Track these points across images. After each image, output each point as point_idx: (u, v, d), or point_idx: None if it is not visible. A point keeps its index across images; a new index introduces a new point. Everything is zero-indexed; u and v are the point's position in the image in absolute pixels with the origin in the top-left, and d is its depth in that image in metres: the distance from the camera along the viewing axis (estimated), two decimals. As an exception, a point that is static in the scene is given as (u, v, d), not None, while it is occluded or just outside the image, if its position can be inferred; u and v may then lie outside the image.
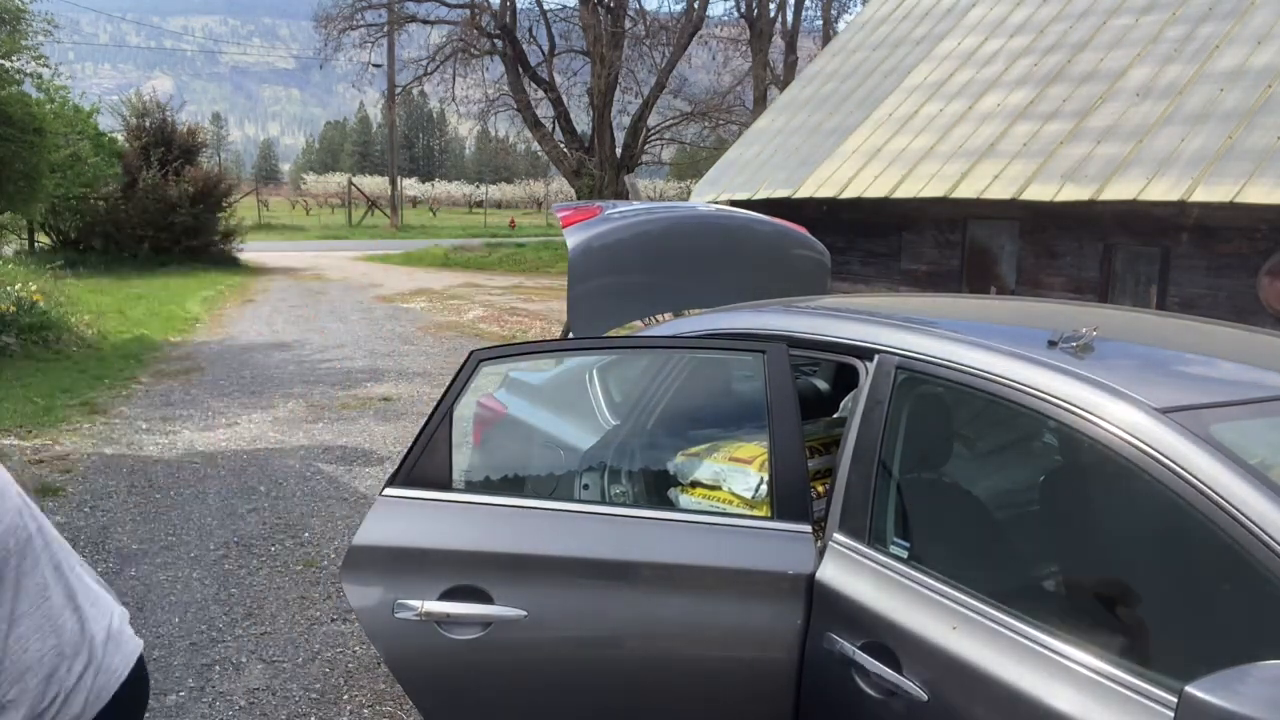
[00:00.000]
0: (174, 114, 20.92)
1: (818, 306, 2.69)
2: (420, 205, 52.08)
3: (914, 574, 1.90)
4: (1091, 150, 8.43)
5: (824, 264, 4.10)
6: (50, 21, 10.90)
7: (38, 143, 10.55)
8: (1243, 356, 2.32)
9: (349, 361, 10.02)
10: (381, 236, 32.63)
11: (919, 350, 2.09)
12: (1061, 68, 9.77)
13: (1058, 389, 1.81)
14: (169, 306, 13.73)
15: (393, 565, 2.20)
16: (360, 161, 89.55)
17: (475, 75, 24.47)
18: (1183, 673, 1.43)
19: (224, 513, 5.28)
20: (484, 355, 2.31)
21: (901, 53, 12.01)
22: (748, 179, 11.65)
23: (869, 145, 10.57)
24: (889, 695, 1.81)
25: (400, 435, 6.96)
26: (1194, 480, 1.58)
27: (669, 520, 2.24)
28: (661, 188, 45.43)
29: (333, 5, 23.66)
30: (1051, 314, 2.69)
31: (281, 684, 3.51)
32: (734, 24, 26.80)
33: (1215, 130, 7.81)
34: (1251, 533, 1.49)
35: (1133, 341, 2.35)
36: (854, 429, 2.13)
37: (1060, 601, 1.93)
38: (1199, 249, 7.89)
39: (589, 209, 3.55)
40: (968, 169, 9.17)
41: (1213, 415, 1.73)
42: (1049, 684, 1.61)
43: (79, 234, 19.05)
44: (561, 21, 24.79)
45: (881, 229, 10.53)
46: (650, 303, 3.62)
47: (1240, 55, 8.43)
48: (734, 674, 2.08)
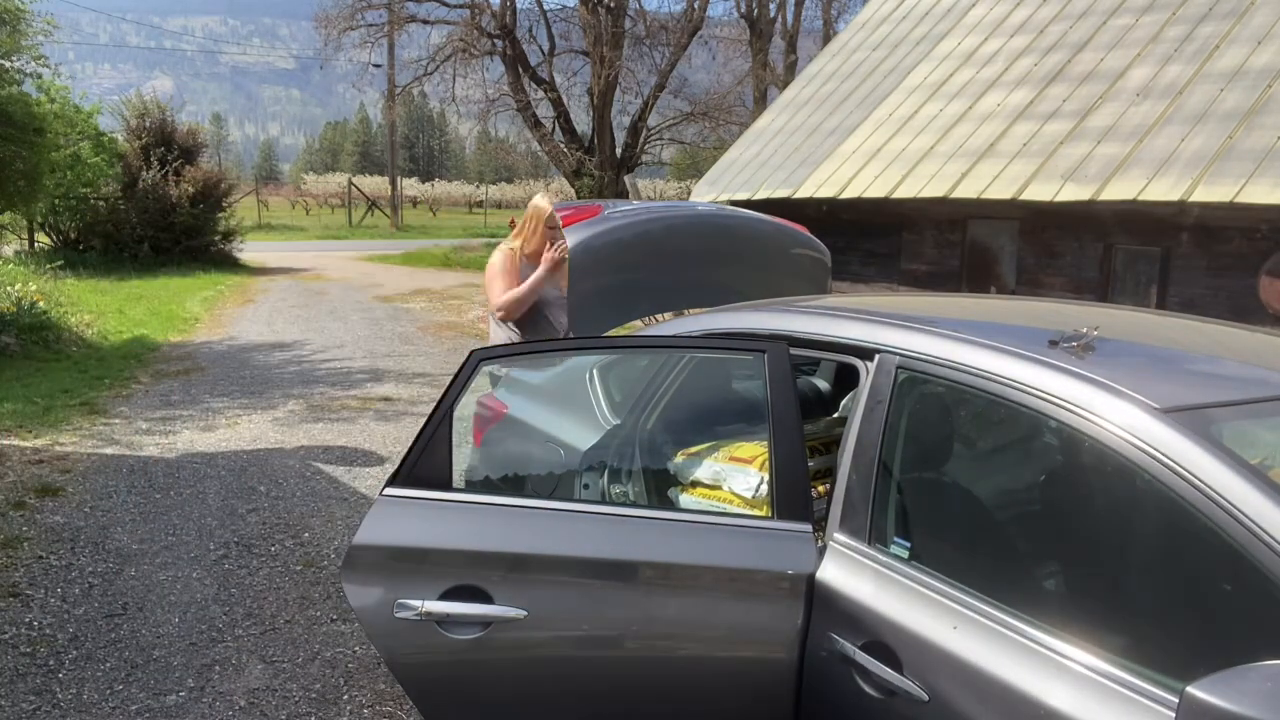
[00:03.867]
0: (174, 114, 20.88)
1: (818, 306, 2.68)
2: (420, 205, 52.07)
3: (915, 574, 1.90)
4: (1091, 150, 8.43)
5: (824, 263, 4.10)
6: (50, 21, 10.89)
7: (38, 143, 10.54)
8: (1243, 356, 2.31)
9: (349, 361, 10.02)
10: (382, 237, 32.63)
11: (920, 350, 2.08)
12: (1061, 68, 9.77)
13: (1059, 389, 1.81)
14: (169, 306, 13.72)
15: (393, 565, 2.20)
16: (360, 161, 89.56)
17: (475, 75, 24.45)
18: (1183, 673, 1.43)
19: (224, 513, 5.28)
20: (484, 355, 2.30)
21: (901, 53, 12.01)
22: (748, 179, 11.65)
23: (869, 145, 10.58)
24: (889, 695, 1.81)
25: (400, 435, 6.96)
26: (1195, 480, 1.58)
27: (669, 520, 2.24)
28: (661, 188, 45.44)
29: (333, 5, 23.66)
30: (1052, 313, 2.69)
31: (281, 684, 3.51)
32: (734, 24, 26.80)
33: (1215, 130, 7.81)
34: (1252, 532, 1.49)
35: (1134, 341, 2.35)
36: (855, 428, 2.12)
37: (1061, 601, 1.93)
38: (1199, 249, 7.89)
39: (589, 208, 3.55)
40: (968, 169, 9.17)
41: (1214, 415, 1.73)
42: (1050, 684, 1.60)
43: (79, 234, 19.03)
44: (561, 21, 24.79)
45: (881, 229, 10.53)
46: (650, 302, 3.62)
47: (1240, 55, 8.43)
48: (734, 674, 2.08)
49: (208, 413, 7.58)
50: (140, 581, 4.36)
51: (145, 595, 4.22)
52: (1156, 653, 1.63)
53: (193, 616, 4.03)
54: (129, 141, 19.44)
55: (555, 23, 24.46)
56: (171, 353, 10.34)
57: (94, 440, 6.68)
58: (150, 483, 5.75)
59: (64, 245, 18.95)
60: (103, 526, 5.03)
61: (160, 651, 3.72)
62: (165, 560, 4.61)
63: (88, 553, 4.67)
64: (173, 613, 4.06)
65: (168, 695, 3.41)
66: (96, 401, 7.79)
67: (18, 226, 17.13)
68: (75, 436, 6.75)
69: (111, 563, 4.56)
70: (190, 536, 4.92)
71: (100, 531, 4.95)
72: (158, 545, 4.79)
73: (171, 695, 3.41)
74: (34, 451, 6.34)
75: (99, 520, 5.11)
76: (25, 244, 18.32)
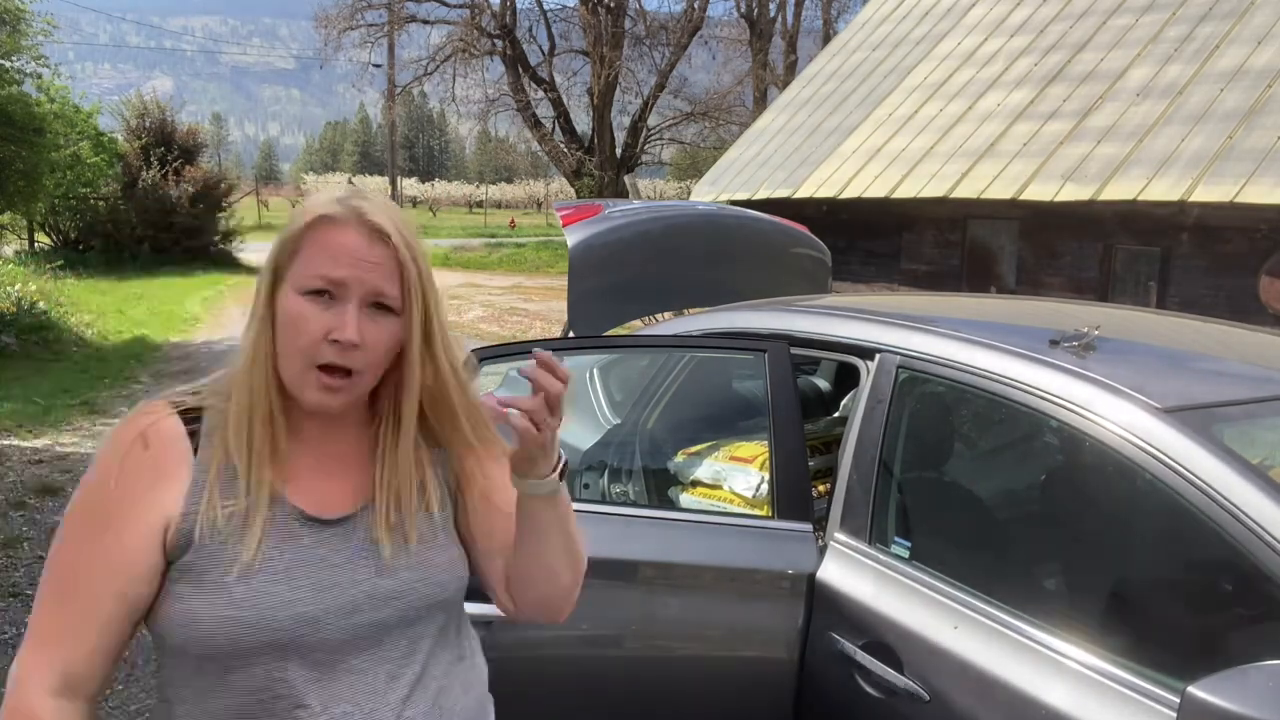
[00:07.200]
0: (174, 114, 20.90)
1: (819, 306, 2.68)
2: (420, 205, 52.08)
3: (915, 573, 1.90)
4: (1091, 150, 8.43)
5: (825, 263, 4.09)
6: (50, 21, 10.90)
7: (38, 143, 10.56)
8: (1244, 356, 2.31)
9: (349, 361, 10.00)
10: (381, 236, 32.55)
11: (920, 349, 2.08)
12: (1061, 68, 9.77)
13: (1060, 388, 1.81)
14: (169, 306, 13.72)
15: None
16: (360, 161, 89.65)
17: (475, 75, 24.48)
18: (1184, 672, 1.43)
19: (224, 512, 5.27)
20: (484, 354, 2.30)
21: (901, 53, 12.01)
22: (748, 179, 11.66)
23: (869, 145, 10.58)
24: (890, 695, 1.81)
25: (400, 435, 6.95)
26: (1196, 480, 1.58)
27: (670, 519, 2.23)
28: (661, 188, 45.43)
29: (333, 5, 23.69)
30: (1053, 313, 2.68)
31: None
32: (734, 24, 26.80)
33: (1215, 130, 7.81)
34: (1253, 532, 1.49)
35: (1134, 341, 2.35)
36: (855, 428, 2.12)
37: (1062, 601, 1.92)
38: (1199, 249, 7.90)
39: (590, 207, 3.54)
40: (968, 169, 9.17)
41: (1215, 414, 1.73)
42: (1051, 684, 1.60)
43: (79, 234, 19.04)
44: (561, 21, 24.82)
45: (881, 229, 10.53)
46: (651, 302, 3.61)
47: (1240, 55, 8.43)
48: (735, 673, 2.08)
49: (208, 413, 7.57)
50: (140, 581, 4.36)
51: (145, 595, 4.21)
52: (1157, 652, 1.63)
53: (193, 616, 4.02)
54: (129, 141, 19.44)
55: (555, 23, 24.51)
56: (172, 353, 10.34)
57: (94, 440, 6.67)
58: (150, 483, 5.75)
59: (64, 245, 18.96)
60: (103, 526, 5.02)
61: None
62: (165, 560, 4.60)
63: (88, 553, 4.66)
64: (173, 613, 4.05)
65: (168, 695, 3.41)
66: (97, 401, 7.79)
67: (18, 226, 17.13)
68: (75, 436, 6.75)
69: (111, 563, 4.55)
70: (190, 536, 4.91)
71: (100, 531, 4.95)
72: (158, 545, 4.79)
73: (171, 695, 3.41)
74: (34, 451, 6.34)
75: (99, 520, 5.11)
76: (25, 244, 18.32)
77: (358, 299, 1.11)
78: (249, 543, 1.10)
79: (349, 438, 1.21)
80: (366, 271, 1.10)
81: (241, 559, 1.09)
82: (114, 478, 1.12)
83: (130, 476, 1.12)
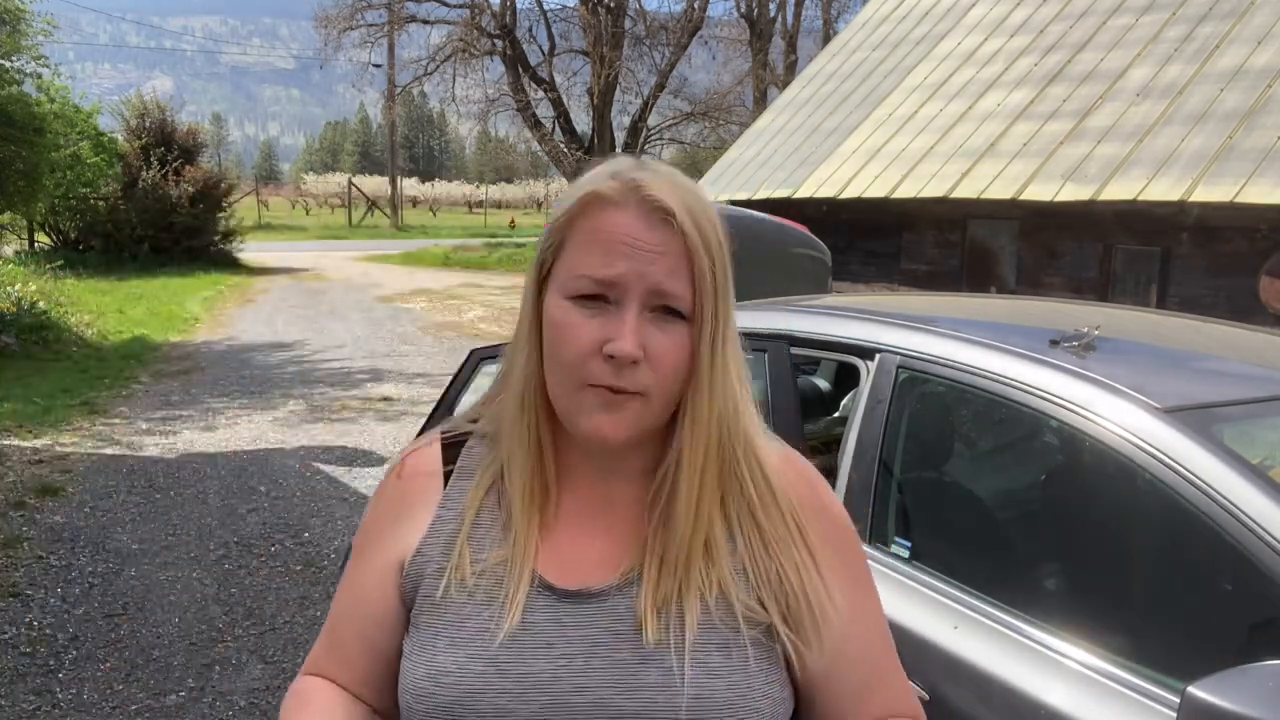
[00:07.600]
0: (174, 114, 20.89)
1: (819, 305, 2.68)
2: (420, 205, 52.07)
3: (915, 573, 1.90)
4: (1091, 150, 8.44)
5: (825, 263, 4.10)
6: (50, 21, 10.90)
7: (38, 143, 10.56)
8: (1244, 356, 2.31)
9: (349, 361, 10.02)
10: (382, 236, 32.63)
11: (920, 349, 2.08)
12: (1061, 68, 9.77)
13: (1060, 388, 1.81)
14: (169, 306, 13.73)
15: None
16: (360, 161, 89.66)
17: (475, 75, 24.46)
18: (1184, 672, 1.43)
19: (224, 513, 5.28)
20: (484, 354, 2.30)
21: (901, 53, 12.01)
22: (748, 179, 11.66)
23: (869, 145, 10.58)
24: (890, 695, 1.81)
25: (400, 435, 6.96)
26: (1196, 480, 1.57)
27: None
28: (661, 188, 45.34)
29: (333, 5, 23.68)
30: (1053, 313, 2.68)
31: (281, 684, 3.50)
32: (734, 24, 26.80)
33: (1215, 130, 7.81)
34: (1253, 532, 1.49)
35: (1135, 341, 2.35)
36: (855, 428, 2.12)
37: (1062, 601, 1.92)
38: (1199, 249, 7.89)
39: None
40: (967, 169, 9.17)
41: (1215, 414, 1.73)
42: (1050, 683, 1.60)
43: (79, 234, 19.04)
44: (561, 21, 24.80)
45: (881, 229, 10.52)
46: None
47: (1240, 55, 8.43)
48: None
49: (208, 413, 7.58)
50: (140, 581, 4.36)
51: (145, 595, 4.22)
52: (1157, 652, 1.63)
53: (192, 616, 4.03)
54: (129, 141, 19.44)
55: (555, 22, 24.49)
56: (172, 353, 10.34)
57: (94, 440, 6.68)
58: (150, 483, 5.75)
59: (64, 245, 18.96)
60: (103, 526, 5.02)
61: (160, 651, 3.72)
62: (165, 560, 4.61)
63: (88, 553, 4.67)
64: (173, 613, 4.06)
65: (168, 695, 3.41)
66: (96, 401, 7.79)
67: (18, 226, 17.13)
68: (75, 436, 6.75)
69: (111, 563, 4.55)
70: (190, 536, 4.92)
71: (100, 531, 4.95)
72: (157, 545, 4.79)
73: (171, 695, 3.41)
74: (34, 451, 6.34)
75: (99, 520, 5.11)
76: (25, 244, 18.32)
77: (638, 300, 0.86)
78: (496, 604, 0.90)
79: (631, 488, 0.95)
80: (647, 264, 0.86)
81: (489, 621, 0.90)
82: (371, 507, 1.02)
83: (380, 508, 1.01)
